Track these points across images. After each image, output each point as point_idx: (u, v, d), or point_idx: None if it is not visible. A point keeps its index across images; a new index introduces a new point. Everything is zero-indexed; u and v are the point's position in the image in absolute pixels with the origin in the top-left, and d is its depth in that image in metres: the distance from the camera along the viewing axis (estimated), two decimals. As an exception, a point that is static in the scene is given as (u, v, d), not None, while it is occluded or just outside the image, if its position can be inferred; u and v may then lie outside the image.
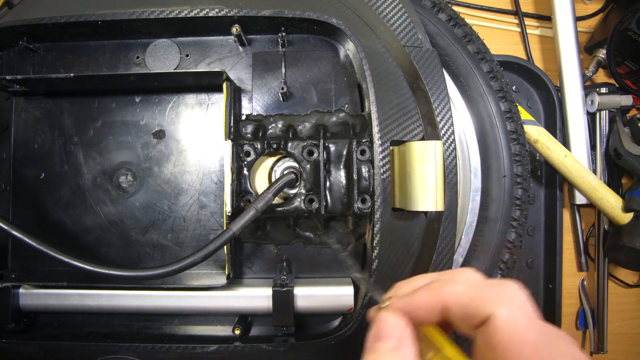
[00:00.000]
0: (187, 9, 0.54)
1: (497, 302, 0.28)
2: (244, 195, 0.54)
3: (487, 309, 0.28)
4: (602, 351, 0.77)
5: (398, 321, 0.31)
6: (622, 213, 0.71)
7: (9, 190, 0.60)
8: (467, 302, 0.29)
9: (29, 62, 0.60)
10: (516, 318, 0.27)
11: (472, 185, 0.62)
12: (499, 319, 0.27)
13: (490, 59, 0.63)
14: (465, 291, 0.29)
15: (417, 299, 0.31)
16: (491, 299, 0.28)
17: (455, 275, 0.32)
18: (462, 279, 0.31)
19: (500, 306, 0.27)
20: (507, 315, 0.27)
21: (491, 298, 0.28)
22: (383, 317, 0.31)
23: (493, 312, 0.27)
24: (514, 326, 0.27)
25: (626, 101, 0.75)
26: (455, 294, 0.29)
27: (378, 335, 0.31)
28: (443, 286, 0.30)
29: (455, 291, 0.30)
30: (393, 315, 0.31)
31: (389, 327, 0.31)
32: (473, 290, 0.29)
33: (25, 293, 0.57)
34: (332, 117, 0.57)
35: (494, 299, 0.28)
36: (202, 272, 0.59)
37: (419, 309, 0.31)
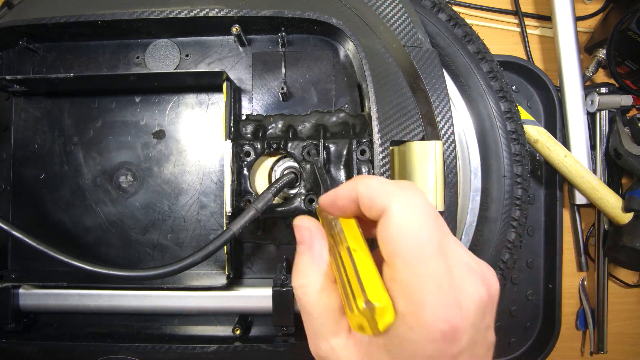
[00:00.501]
0: (187, 9, 0.54)
1: (395, 198, 0.29)
2: (244, 195, 0.54)
3: (385, 202, 0.29)
4: (602, 351, 0.77)
5: (307, 223, 0.35)
6: (622, 213, 0.71)
7: (9, 190, 0.60)
8: (371, 193, 0.31)
9: (29, 62, 0.60)
10: (407, 213, 0.29)
11: (472, 185, 0.62)
12: (391, 212, 0.29)
13: (490, 59, 0.63)
14: (373, 184, 0.31)
15: (339, 190, 0.34)
16: (391, 193, 0.30)
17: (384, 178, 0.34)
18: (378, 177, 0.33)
19: (396, 201, 0.29)
20: (399, 208, 0.29)
21: (392, 193, 0.30)
22: (296, 224, 0.35)
23: (389, 205, 0.29)
24: (403, 219, 0.28)
25: (626, 101, 0.75)
26: (365, 186, 0.31)
27: (297, 240, 0.35)
28: (359, 179, 0.32)
29: (366, 183, 0.32)
30: (302, 219, 0.35)
31: (301, 230, 0.35)
32: (380, 184, 0.31)
33: (25, 293, 0.57)
34: (332, 117, 0.57)
35: (394, 194, 0.30)
36: (202, 272, 0.59)
37: (340, 199, 0.33)
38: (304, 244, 0.35)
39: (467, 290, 0.28)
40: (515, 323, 0.76)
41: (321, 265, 0.33)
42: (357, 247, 0.31)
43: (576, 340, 0.80)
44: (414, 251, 0.28)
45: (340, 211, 0.34)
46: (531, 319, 0.76)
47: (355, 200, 0.32)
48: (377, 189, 0.31)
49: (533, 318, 0.76)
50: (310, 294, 0.33)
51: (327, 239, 0.34)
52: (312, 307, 0.32)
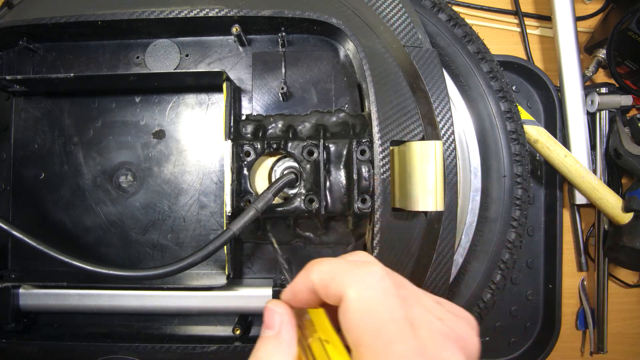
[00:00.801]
0: (187, 9, 0.54)
1: (349, 282, 0.28)
2: (244, 195, 0.54)
3: (340, 289, 0.28)
4: (602, 351, 0.77)
5: (279, 309, 0.33)
6: (622, 213, 0.71)
7: (9, 190, 0.60)
8: (326, 281, 0.29)
9: (29, 62, 0.60)
10: (364, 297, 0.27)
11: (472, 185, 0.62)
12: (348, 299, 0.28)
13: (490, 59, 0.63)
14: (327, 271, 0.30)
15: (295, 283, 0.32)
16: (345, 279, 0.28)
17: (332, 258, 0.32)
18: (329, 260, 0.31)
19: (350, 286, 0.28)
20: (355, 295, 0.27)
21: (345, 278, 0.28)
22: (267, 306, 0.33)
23: (344, 292, 0.28)
24: (361, 305, 0.27)
25: (626, 101, 0.75)
26: (318, 274, 0.30)
27: (264, 323, 0.33)
28: (311, 267, 0.31)
29: (318, 271, 0.30)
30: (276, 304, 0.33)
31: (271, 316, 0.32)
32: (333, 269, 0.30)
33: (25, 293, 0.57)
34: (332, 117, 0.57)
35: (347, 278, 0.28)
36: (202, 272, 0.59)
37: (298, 292, 0.32)
38: (272, 329, 0.32)
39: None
40: (515, 323, 0.76)
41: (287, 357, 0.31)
42: (328, 339, 0.29)
43: (576, 340, 0.80)
44: (378, 337, 0.26)
45: (304, 303, 0.32)
46: (531, 319, 0.76)
47: (313, 290, 0.31)
48: (330, 275, 0.29)
49: (533, 318, 0.76)
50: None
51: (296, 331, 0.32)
52: None
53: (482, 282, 0.61)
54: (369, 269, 0.29)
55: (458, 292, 0.61)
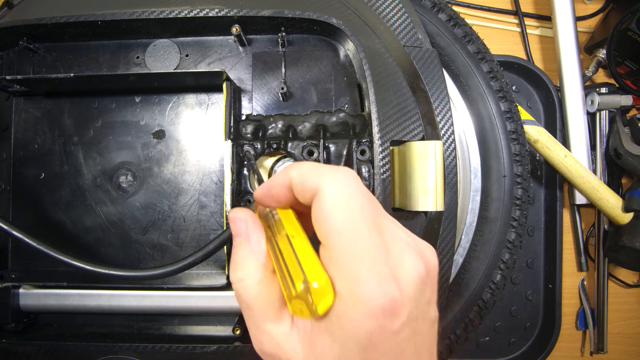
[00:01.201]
0: (187, 9, 0.54)
1: (326, 178, 0.29)
2: (244, 195, 0.54)
3: (317, 183, 0.29)
4: (602, 351, 0.77)
5: (241, 214, 0.34)
6: (622, 213, 0.71)
7: (9, 190, 0.60)
8: (304, 177, 0.31)
9: (29, 62, 0.60)
10: (339, 192, 0.29)
11: (472, 185, 0.62)
12: (323, 192, 0.29)
13: (490, 59, 0.63)
14: (305, 168, 0.31)
15: (272, 179, 0.33)
16: (323, 175, 0.30)
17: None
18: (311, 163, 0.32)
19: (327, 181, 0.29)
20: (330, 188, 0.29)
21: (323, 174, 0.30)
22: (230, 217, 0.35)
23: (320, 186, 0.29)
24: (335, 198, 0.28)
25: (626, 101, 0.75)
26: (297, 171, 0.31)
27: (233, 233, 0.34)
28: (292, 165, 0.32)
29: (299, 168, 0.31)
30: (237, 210, 0.35)
31: (236, 224, 0.34)
32: (312, 167, 0.31)
33: (25, 293, 0.57)
34: (332, 117, 0.57)
35: (325, 175, 0.30)
36: (202, 272, 0.59)
37: (273, 187, 0.33)
38: (240, 236, 0.34)
39: (404, 265, 0.28)
40: (515, 323, 0.76)
41: (259, 257, 0.32)
42: (294, 234, 0.31)
43: (576, 340, 0.80)
44: (347, 228, 0.27)
45: (276, 201, 0.34)
46: (531, 319, 0.76)
47: (289, 187, 0.32)
48: (309, 172, 0.30)
49: (533, 318, 0.76)
50: (249, 287, 0.32)
51: (265, 231, 0.34)
52: (252, 300, 0.32)
53: (482, 282, 0.61)
54: (347, 172, 0.30)
55: (458, 292, 0.61)
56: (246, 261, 0.32)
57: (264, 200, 0.34)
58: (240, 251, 0.33)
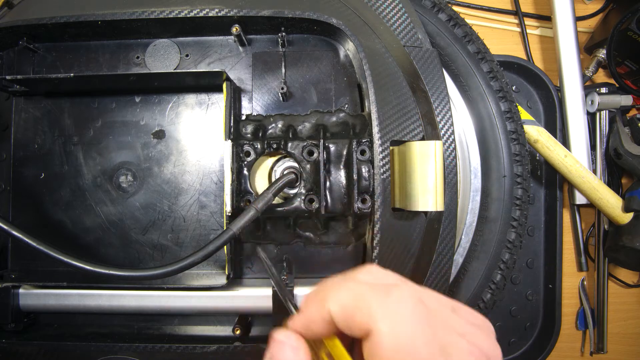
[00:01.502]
0: (187, 9, 0.54)
1: (379, 314, 0.26)
2: (244, 195, 0.54)
3: (368, 322, 0.26)
4: (602, 351, 0.77)
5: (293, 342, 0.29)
6: (622, 213, 0.71)
7: (9, 190, 0.60)
8: (348, 313, 0.26)
9: (29, 62, 0.60)
10: (398, 331, 0.25)
11: (472, 185, 0.62)
12: (379, 334, 0.25)
13: (490, 59, 0.63)
14: (347, 300, 0.27)
15: (308, 313, 0.29)
16: (373, 310, 0.26)
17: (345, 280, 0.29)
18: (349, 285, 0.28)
19: (381, 319, 0.25)
20: (387, 329, 0.25)
21: (373, 309, 0.26)
22: (278, 338, 0.30)
23: (374, 326, 0.25)
24: (395, 341, 0.25)
25: (626, 101, 0.75)
26: (338, 305, 0.27)
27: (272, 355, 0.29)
28: (327, 295, 0.28)
29: (339, 301, 0.27)
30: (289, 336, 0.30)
31: (284, 349, 0.29)
32: (356, 299, 0.27)
33: (25, 293, 0.57)
34: (332, 117, 0.57)
35: (376, 309, 0.26)
36: (202, 272, 0.59)
37: (312, 323, 0.29)
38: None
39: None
40: (515, 323, 0.76)
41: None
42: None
43: (576, 340, 0.80)
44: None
45: (319, 335, 0.29)
46: (531, 319, 0.76)
47: (330, 321, 0.28)
48: (353, 305, 0.26)
49: (533, 318, 0.76)
50: None
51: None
52: None
53: (482, 282, 0.61)
54: (398, 296, 0.26)
55: (458, 292, 0.61)
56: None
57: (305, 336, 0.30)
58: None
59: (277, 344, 0.29)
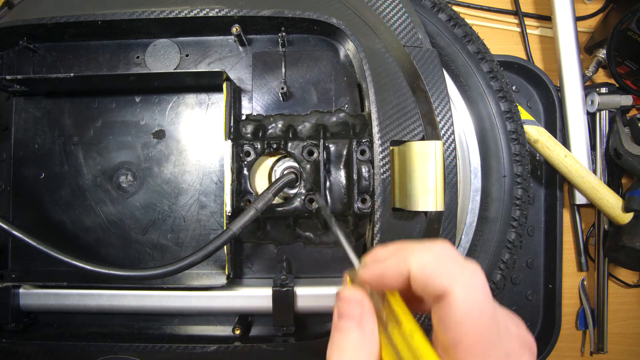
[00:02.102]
0: (187, 9, 0.54)
1: (456, 280, 0.28)
2: (244, 195, 0.54)
3: (446, 284, 0.28)
4: (602, 351, 0.77)
5: (359, 297, 0.32)
6: (622, 213, 0.71)
7: (9, 190, 0.60)
8: (429, 273, 0.29)
9: (29, 62, 0.60)
10: (471, 298, 0.27)
11: (472, 185, 0.62)
12: (455, 296, 0.27)
13: (490, 59, 0.63)
14: (430, 261, 0.29)
15: (387, 266, 0.31)
16: (451, 275, 0.28)
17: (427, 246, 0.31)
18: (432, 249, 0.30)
19: (458, 284, 0.28)
20: (462, 293, 0.27)
21: (452, 274, 0.28)
22: (345, 294, 0.32)
23: (450, 288, 0.28)
24: (467, 305, 0.27)
25: (626, 101, 0.75)
26: (420, 263, 0.29)
27: (341, 313, 0.31)
28: (412, 254, 0.30)
29: (421, 260, 0.29)
30: (354, 291, 0.32)
31: (351, 305, 0.31)
32: (438, 262, 0.29)
33: (25, 293, 0.57)
34: (332, 117, 0.57)
35: (454, 275, 0.28)
36: (202, 272, 0.59)
37: (388, 274, 0.31)
38: (352, 319, 0.31)
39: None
40: (515, 323, 0.76)
41: (372, 350, 0.30)
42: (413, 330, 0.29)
43: (576, 340, 0.80)
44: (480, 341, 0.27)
45: (387, 287, 0.31)
46: (531, 319, 0.76)
47: (405, 276, 0.30)
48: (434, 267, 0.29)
49: (533, 318, 0.76)
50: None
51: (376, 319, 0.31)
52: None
53: (482, 282, 0.61)
54: (474, 269, 0.29)
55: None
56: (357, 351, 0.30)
57: (373, 285, 0.32)
58: (350, 338, 0.30)
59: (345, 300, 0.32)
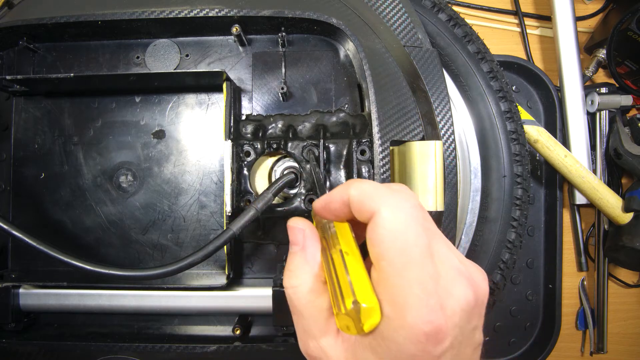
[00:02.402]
0: (187, 9, 0.54)
1: (384, 202, 0.30)
2: (244, 195, 0.54)
3: (374, 206, 0.30)
4: (602, 351, 0.77)
5: (301, 225, 0.36)
6: (622, 213, 0.71)
7: (9, 190, 0.60)
8: (362, 197, 0.31)
9: (29, 62, 0.60)
10: (395, 218, 0.29)
11: (472, 185, 0.62)
12: (380, 216, 0.29)
13: (490, 59, 0.63)
14: (365, 188, 0.31)
15: (332, 194, 0.34)
16: (381, 197, 0.30)
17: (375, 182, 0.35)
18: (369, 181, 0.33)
19: (385, 205, 0.29)
20: (387, 213, 0.29)
21: (382, 197, 0.30)
22: (290, 225, 0.36)
23: (378, 209, 0.29)
24: (390, 224, 0.29)
25: (626, 101, 0.75)
26: (357, 189, 0.32)
27: (290, 240, 0.36)
28: (352, 183, 0.33)
29: (359, 187, 0.32)
30: (297, 221, 0.36)
31: (295, 233, 0.36)
32: (372, 188, 0.31)
33: (25, 293, 0.57)
34: (332, 117, 0.57)
35: (383, 198, 0.30)
36: (202, 272, 0.59)
37: (332, 202, 0.34)
38: (297, 244, 0.35)
39: (453, 293, 0.29)
40: (515, 323, 0.76)
41: (313, 267, 0.34)
42: (349, 251, 0.31)
43: (576, 340, 0.80)
44: (400, 255, 0.28)
45: (333, 215, 0.34)
46: (531, 319, 0.76)
47: (347, 203, 0.33)
48: (368, 192, 0.31)
49: (533, 318, 0.76)
50: (301, 295, 0.33)
51: (320, 242, 0.35)
52: (303, 307, 0.33)
53: (482, 282, 0.61)
54: (406, 195, 0.31)
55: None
56: (300, 270, 0.34)
57: (322, 213, 0.35)
58: (295, 259, 0.35)
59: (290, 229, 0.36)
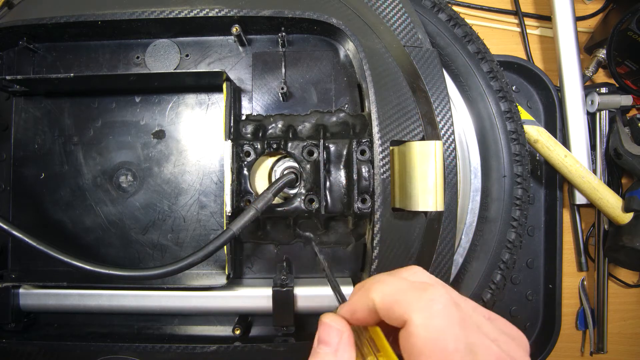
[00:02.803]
0: (187, 9, 0.54)
1: (415, 307, 0.28)
2: (244, 195, 0.54)
3: (405, 313, 0.28)
4: (602, 351, 0.77)
5: (339, 326, 0.32)
6: (622, 213, 0.71)
7: (9, 190, 0.60)
8: (389, 304, 0.29)
9: (29, 62, 0.60)
10: (429, 325, 0.27)
11: (472, 185, 0.62)
12: (413, 325, 0.28)
13: (490, 59, 0.63)
14: (389, 293, 0.30)
15: (354, 303, 0.32)
16: (410, 303, 0.28)
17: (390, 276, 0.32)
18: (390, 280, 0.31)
19: (416, 311, 0.28)
20: (421, 321, 0.28)
21: (410, 302, 0.28)
22: (326, 321, 0.33)
23: (409, 317, 0.28)
24: (426, 333, 0.27)
25: (626, 101, 0.75)
26: (381, 295, 0.30)
27: (320, 338, 0.32)
28: (372, 287, 0.31)
29: (382, 292, 0.30)
30: (335, 320, 0.33)
31: (330, 332, 0.32)
32: (397, 292, 0.29)
33: (25, 293, 0.57)
34: (332, 117, 0.57)
35: (412, 303, 0.28)
36: (202, 272, 0.59)
37: (357, 311, 0.32)
38: (330, 346, 0.32)
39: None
40: (515, 323, 0.75)
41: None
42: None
43: (576, 340, 0.80)
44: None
45: (362, 322, 0.32)
46: (531, 319, 0.76)
47: (374, 310, 0.31)
48: (394, 296, 0.29)
49: (533, 318, 0.76)
50: None
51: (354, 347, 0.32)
52: None
53: (482, 282, 0.61)
54: (434, 293, 0.29)
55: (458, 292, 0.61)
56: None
57: (350, 322, 0.33)
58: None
59: (325, 326, 0.33)
